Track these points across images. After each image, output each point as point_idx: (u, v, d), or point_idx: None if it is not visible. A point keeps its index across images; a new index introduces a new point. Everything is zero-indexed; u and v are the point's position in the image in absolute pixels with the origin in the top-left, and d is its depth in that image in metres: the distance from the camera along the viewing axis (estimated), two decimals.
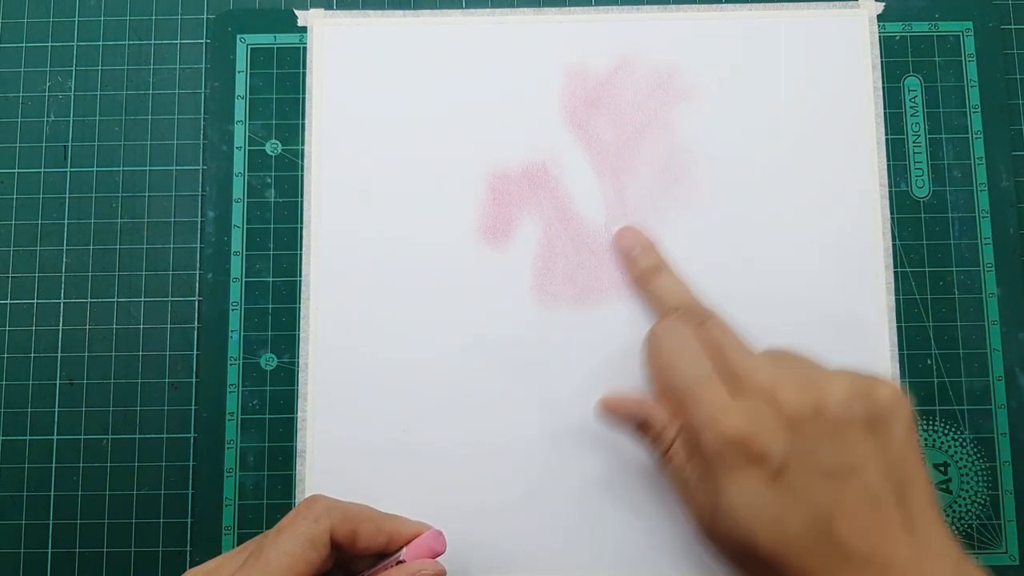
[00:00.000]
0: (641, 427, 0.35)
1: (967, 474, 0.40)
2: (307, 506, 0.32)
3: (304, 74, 0.42)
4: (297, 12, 0.43)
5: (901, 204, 0.41)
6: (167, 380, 0.41)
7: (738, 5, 0.43)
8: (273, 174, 0.42)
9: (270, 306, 0.41)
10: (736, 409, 0.31)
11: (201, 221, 0.42)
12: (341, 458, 0.39)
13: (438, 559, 0.33)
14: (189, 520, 0.40)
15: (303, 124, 0.42)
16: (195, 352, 0.41)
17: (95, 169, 0.42)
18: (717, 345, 0.34)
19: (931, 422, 0.40)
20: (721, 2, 0.43)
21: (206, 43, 0.43)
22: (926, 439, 0.40)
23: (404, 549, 0.33)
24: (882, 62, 0.42)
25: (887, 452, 0.30)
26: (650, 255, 0.40)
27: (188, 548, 0.39)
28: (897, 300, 0.41)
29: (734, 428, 0.31)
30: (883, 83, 0.42)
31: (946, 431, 0.40)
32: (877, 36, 0.42)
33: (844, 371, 0.32)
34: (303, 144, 0.42)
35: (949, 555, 0.29)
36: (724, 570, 0.32)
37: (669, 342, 0.35)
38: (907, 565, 0.29)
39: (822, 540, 0.29)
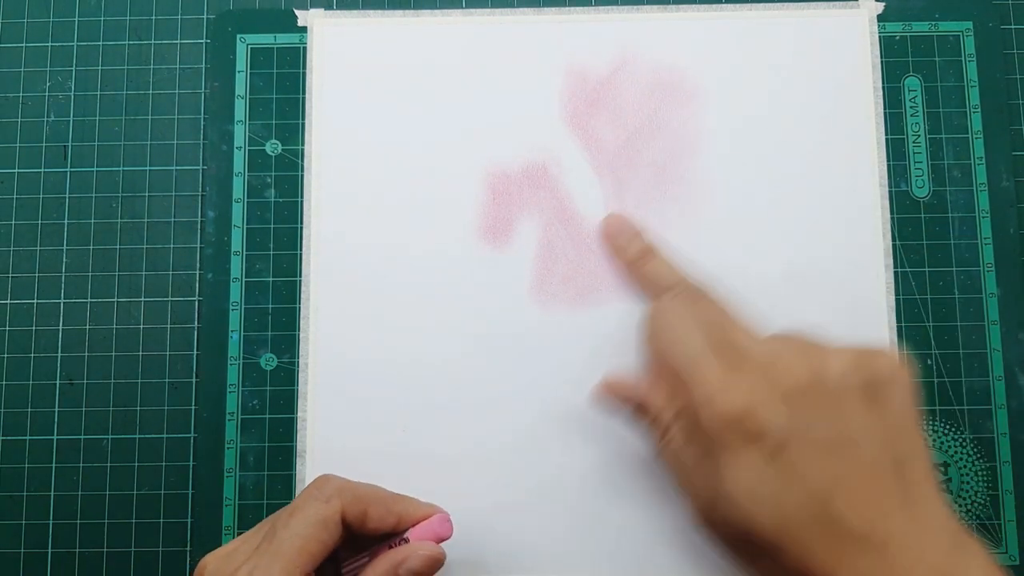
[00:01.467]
0: (638, 410, 0.35)
1: (967, 474, 0.40)
2: (318, 487, 0.32)
3: (304, 74, 0.42)
4: (297, 12, 0.43)
5: (901, 204, 0.41)
6: (167, 380, 0.41)
7: (738, 5, 0.43)
8: (273, 174, 0.42)
9: (270, 306, 0.41)
10: (734, 385, 0.31)
11: (201, 221, 0.42)
12: (341, 458, 0.39)
13: (443, 544, 0.33)
14: (189, 520, 0.40)
15: (303, 124, 0.42)
16: (195, 352, 0.41)
17: (95, 169, 0.42)
18: (714, 321, 0.34)
19: (931, 422, 0.40)
20: (721, 2, 0.43)
21: (206, 43, 0.43)
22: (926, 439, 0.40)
23: (410, 530, 0.33)
24: (882, 62, 0.42)
25: (885, 422, 0.30)
26: (638, 240, 0.40)
27: (188, 548, 0.39)
28: (897, 300, 0.41)
29: (731, 405, 0.30)
30: (883, 83, 0.42)
31: (946, 431, 0.40)
32: (877, 36, 0.42)
33: (845, 345, 0.32)
34: (303, 144, 0.42)
35: (946, 528, 0.29)
36: (723, 558, 0.32)
37: (664, 321, 0.35)
38: (905, 541, 0.28)
39: (821, 519, 0.29)
